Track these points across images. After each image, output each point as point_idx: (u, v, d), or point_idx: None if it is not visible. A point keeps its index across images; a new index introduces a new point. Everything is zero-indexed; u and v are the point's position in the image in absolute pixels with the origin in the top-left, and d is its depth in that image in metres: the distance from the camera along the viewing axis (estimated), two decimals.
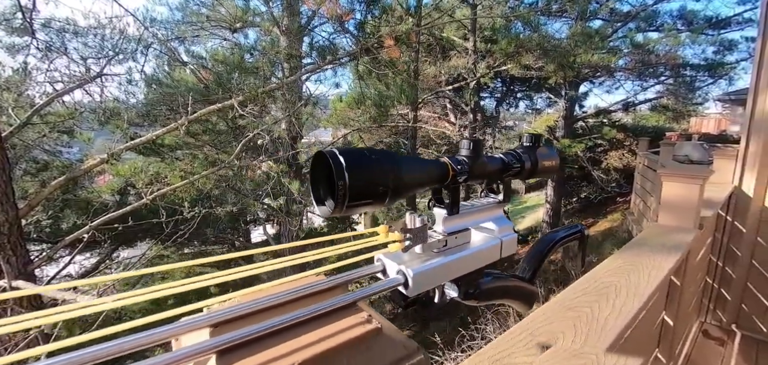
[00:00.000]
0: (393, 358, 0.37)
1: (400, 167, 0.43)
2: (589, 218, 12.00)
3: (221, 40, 8.66)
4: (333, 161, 0.37)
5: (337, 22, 5.19)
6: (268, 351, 0.35)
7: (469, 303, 0.58)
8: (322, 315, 0.40)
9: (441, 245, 0.53)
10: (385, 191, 0.40)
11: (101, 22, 6.40)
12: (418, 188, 0.48)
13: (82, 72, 5.85)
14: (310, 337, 0.36)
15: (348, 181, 0.37)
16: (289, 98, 5.67)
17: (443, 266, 0.51)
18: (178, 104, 5.52)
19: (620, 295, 1.13)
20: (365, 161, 0.39)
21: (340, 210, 0.37)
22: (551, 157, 0.65)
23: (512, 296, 0.67)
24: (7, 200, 3.80)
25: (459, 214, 0.55)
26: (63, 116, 5.90)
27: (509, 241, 0.60)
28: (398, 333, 0.40)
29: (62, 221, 6.05)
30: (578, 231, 0.82)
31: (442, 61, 11.51)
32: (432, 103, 13.63)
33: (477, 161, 0.54)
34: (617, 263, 1.38)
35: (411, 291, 0.47)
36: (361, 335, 0.37)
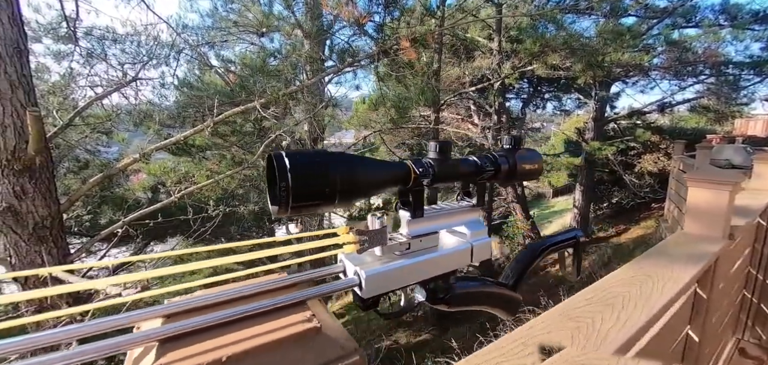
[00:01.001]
0: (327, 357, 0.37)
1: (350, 169, 0.43)
2: (620, 225, 11.45)
3: (248, 44, 8.97)
4: (277, 163, 0.38)
5: (356, 25, 5.24)
6: (207, 342, 0.36)
7: (440, 307, 0.57)
8: (268, 311, 0.40)
9: (403, 248, 0.52)
10: (332, 193, 0.40)
11: (137, 30, 6.77)
12: (375, 191, 0.47)
13: (119, 76, 6.22)
14: (251, 332, 0.37)
15: (290, 182, 0.37)
16: (310, 100, 5.78)
17: (403, 269, 0.51)
18: (207, 107, 5.76)
19: (627, 307, 1.07)
20: (310, 163, 0.39)
21: (284, 211, 0.38)
22: (532, 160, 0.62)
23: (491, 303, 0.65)
24: (50, 196, 4.08)
25: (425, 217, 0.54)
26: (102, 118, 6.29)
27: (481, 246, 0.58)
28: (340, 334, 0.40)
29: (100, 217, 6.46)
30: (572, 238, 0.78)
31: (466, 62, 11.36)
32: (455, 104, 13.47)
33: (444, 163, 0.53)
34: (630, 273, 1.31)
35: (365, 293, 0.47)
36: (299, 333, 0.38)
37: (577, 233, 0.80)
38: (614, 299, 1.11)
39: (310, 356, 0.37)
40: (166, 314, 0.39)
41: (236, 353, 0.35)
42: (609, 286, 1.22)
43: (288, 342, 0.37)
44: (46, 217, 4.07)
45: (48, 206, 4.14)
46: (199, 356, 0.34)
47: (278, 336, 0.37)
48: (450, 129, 10.19)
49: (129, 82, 5.94)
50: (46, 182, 4.10)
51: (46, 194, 4.14)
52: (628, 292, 1.15)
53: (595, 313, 1.02)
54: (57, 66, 6.41)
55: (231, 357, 0.34)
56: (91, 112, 6.32)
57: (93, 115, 6.47)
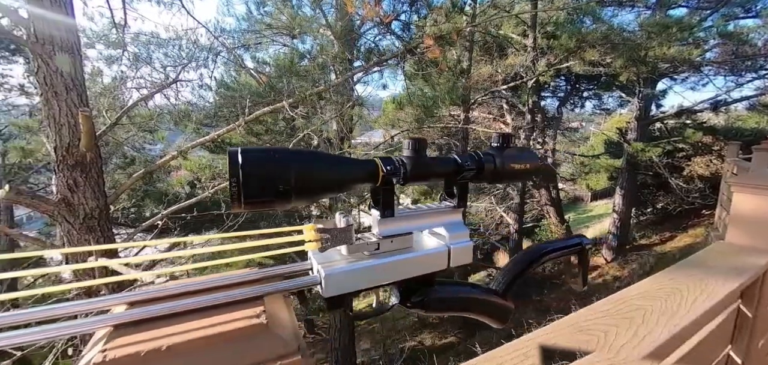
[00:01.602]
0: (266, 355, 0.37)
1: (309, 167, 0.42)
2: (665, 232, 10.67)
3: (281, 46, 9.24)
4: (230, 159, 0.38)
5: (381, 25, 5.24)
6: (155, 331, 0.37)
7: (416, 311, 0.55)
8: (221, 305, 0.41)
9: (372, 248, 0.51)
10: (287, 191, 0.40)
11: (179, 34, 7.17)
12: (339, 189, 0.46)
13: (162, 78, 6.62)
14: (201, 324, 0.38)
15: (241, 179, 0.37)
16: (338, 99, 5.86)
17: (370, 270, 0.49)
18: (240, 106, 6.00)
19: (648, 322, 0.99)
20: (264, 160, 0.39)
21: (238, 206, 0.38)
22: (524, 159, 0.58)
23: (478, 310, 0.62)
24: (98, 189, 4.42)
25: (397, 217, 0.52)
26: (146, 117, 6.73)
27: (460, 249, 0.55)
28: (288, 333, 0.40)
29: (143, 209, 6.93)
30: (577, 245, 0.73)
31: (498, 59, 11.05)
32: (487, 103, 13.14)
33: (417, 161, 0.51)
34: (656, 285, 1.22)
35: (325, 291, 0.46)
36: (244, 328, 0.38)
37: (582, 240, 0.74)
38: (634, 312, 1.03)
39: (252, 352, 0.37)
40: (131, 301, 0.40)
41: (177, 343, 0.35)
42: (630, 298, 1.13)
43: (232, 336, 0.37)
44: (95, 208, 4.40)
45: (96, 199, 4.48)
46: (141, 343, 0.34)
47: (224, 330, 0.37)
48: (480, 129, 9.94)
49: (170, 84, 6.30)
50: (95, 176, 4.43)
51: (95, 187, 4.47)
52: (651, 306, 1.06)
53: (610, 327, 0.95)
54: (108, 70, 6.94)
55: (171, 347, 0.35)
56: (137, 112, 6.77)
57: (138, 114, 6.94)
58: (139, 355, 0.34)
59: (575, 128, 18.59)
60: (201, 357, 0.35)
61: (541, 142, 11.13)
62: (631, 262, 9.54)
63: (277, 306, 0.44)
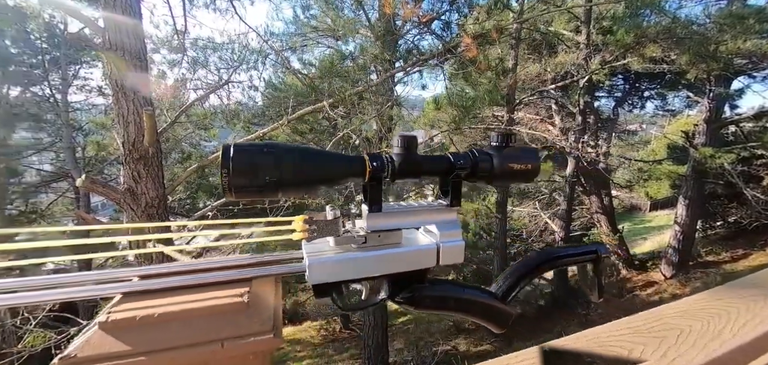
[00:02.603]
0: (241, 331, 0.40)
1: (297, 162, 0.44)
2: (737, 249, 9.52)
3: (325, 48, 9.54)
4: (223, 152, 0.41)
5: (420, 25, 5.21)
6: (154, 301, 0.42)
7: (405, 307, 0.56)
8: (214, 283, 0.45)
9: (359, 241, 0.52)
10: (274, 184, 0.42)
11: (232, 38, 7.66)
12: (327, 183, 0.48)
13: (216, 80, 7.13)
14: (192, 298, 0.42)
15: (230, 171, 0.41)
16: (377, 100, 5.93)
17: (355, 262, 0.51)
18: (285, 106, 6.29)
19: (683, 343, 0.91)
20: (253, 154, 0.42)
21: (229, 195, 0.41)
22: (523, 160, 0.56)
23: (473, 313, 0.61)
24: (158, 181, 4.86)
25: (385, 213, 0.52)
26: (201, 116, 7.29)
27: (451, 248, 0.55)
28: (266, 315, 0.43)
29: (197, 201, 7.52)
30: (592, 253, 0.68)
31: (547, 57, 10.52)
32: (535, 104, 12.57)
33: (407, 158, 0.51)
34: (701, 304, 1.10)
35: (309, 279, 0.48)
36: (228, 304, 0.42)
37: (598, 247, 0.69)
38: (667, 331, 0.95)
39: (230, 326, 0.41)
40: (141, 274, 0.46)
41: (167, 312, 0.40)
42: (666, 315, 1.04)
43: (216, 310, 0.41)
44: (155, 198, 4.84)
45: (156, 189, 4.92)
46: (139, 310, 0.40)
47: (209, 305, 0.41)
48: (524, 130, 9.53)
49: (222, 85, 6.77)
50: (155, 169, 4.86)
51: (156, 179, 4.91)
52: (690, 326, 0.97)
53: (636, 344, 0.88)
54: (170, 72, 7.61)
55: (162, 315, 0.39)
56: (193, 111, 7.34)
57: (195, 113, 7.53)
58: (134, 319, 0.39)
59: (634, 131, 17.13)
60: (185, 326, 0.40)
61: (593, 145, 10.42)
62: (693, 280, 8.63)
63: (266, 289, 0.47)
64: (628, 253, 10.91)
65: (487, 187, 10.28)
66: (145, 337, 0.38)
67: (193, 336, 0.39)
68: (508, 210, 10.47)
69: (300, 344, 9.71)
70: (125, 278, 0.46)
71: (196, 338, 0.39)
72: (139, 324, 0.38)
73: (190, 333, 0.39)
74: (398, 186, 8.31)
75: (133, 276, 0.46)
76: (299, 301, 9.87)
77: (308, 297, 9.90)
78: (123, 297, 0.43)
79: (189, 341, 0.39)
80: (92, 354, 0.37)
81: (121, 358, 0.37)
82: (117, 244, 4.23)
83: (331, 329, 10.04)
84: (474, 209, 10.32)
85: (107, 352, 0.37)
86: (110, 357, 0.37)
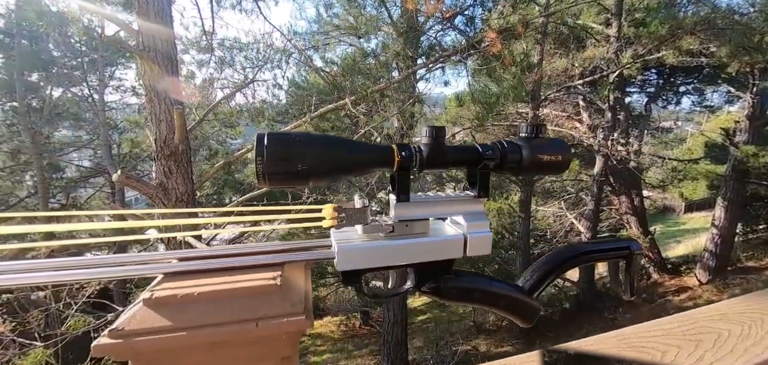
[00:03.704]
0: (275, 311, 0.42)
1: (327, 150, 0.45)
2: None
3: (348, 45, 9.62)
4: (257, 141, 0.43)
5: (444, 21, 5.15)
6: (194, 280, 0.45)
7: (430, 296, 0.56)
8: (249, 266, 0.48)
9: (387, 230, 0.53)
10: (305, 171, 0.44)
11: (257, 38, 7.84)
12: (356, 171, 0.49)
13: (241, 79, 7.32)
14: (230, 279, 0.45)
15: (265, 159, 0.42)
16: (399, 97, 5.92)
17: (382, 250, 0.51)
18: (308, 104, 6.39)
19: (720, 348, 0.87)
20: (286, 142, 0.43)
21: (263, 183, 0.43)
22: (555, 150, 0.55)
23: (499, 306, 0.60)
24: (187, 177, 5.06)
25: (413, 202, 0.53)
26: (228, 114, 7.52)
27: (478, 239, 0.54)
28: (298, 297, 0.44)
29: (224, 196, 7.77)
30: (624, 249, 0.66)
31: (575, 52, 10.17)
32: (561, 100, 12.19)
33: (434, 148, 0.51)
34: (741, 307, 1.05)
35: (338, 265, 0.49)
36: (262, 286, 0.44)
37: (631, 244, 0.67)
38: (704, 334, 0.91)
39: (265, 307, 0.43)
40: (180, 257, 0.48)
41: (206, 291, 0.42)
42: (703, 317, 1.00)
43: (251, 292, 0.44)
44: (184, 193, 5.03)
45: (185, 185, 5.11)
46: (180, 289, 0.42)
47: (245, 286, 0.44)
48: (550, 127, 9.26)
49: (247, 84, 6.95)
50: (185, 165, 5.06)
51: (185, 175, 5.11)
52: (729, 330, 0.92)
53: (670, 347, 0.85)
54: (199, 72, 7.89)
55: (201, 294, 0.42)
56: (220, 109, 7.58)
57: (222, 112, 7.77)
58: (176, 297, 0.41)
59: (668, 128, 16.31)
60: (222, 305, 0.42)
61: (624, 142, 10.00)
62: (732, 286, 8.15)
63: (297, 274, 0.49)
64: (661, 256, 10.42)
65: (510, 184, 10.07)
66: (185, 314, 0.41)
67: (229, 315, 0.41)
68: (532, 210, 10.22)
69: (321, 338, 9.87)
70: (166, 260, 0.49)
71: (232, 316, 0.41)
72: (180, 302, 0.41)
73: (226, 312, 0.41)
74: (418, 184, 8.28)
75: (173, 258, 0.49)
76: (320, 296, 10.02)
77: (328, 292, 10.04)
78: (164, 277, 0.45)
79: (225, 319, 0.41)
80: (138, 327, 0.39)
81: (164, 333, 0.39)
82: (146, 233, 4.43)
83: (351, 324, 10.14)
84: (496, 208, 10.13)
85: (151, 326, 0.39)
86: (153, 331, 0.39)
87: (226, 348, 0.41)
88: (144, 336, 0.39)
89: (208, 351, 0.41)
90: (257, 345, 0.42)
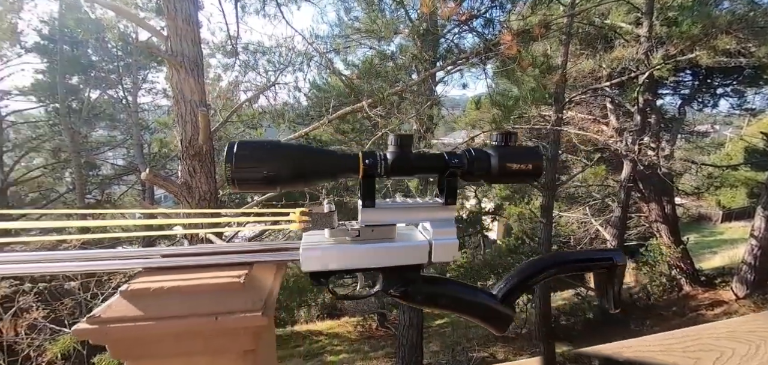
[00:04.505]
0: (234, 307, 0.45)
1: (294, 158, 0.48)
2: None
3: (368, 48, 9.70)
4: (227, 148, 0.46)
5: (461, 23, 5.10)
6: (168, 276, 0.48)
7: (399, 301, 0.57)
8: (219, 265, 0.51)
9: (353, 234, 0.54)
10: (273, 178, 0.46)
11: (279, 42, 8.05)
12: (323, 178, 0.52)
13: (264, 82, 7.53)
14: (199, 276, 0.48)
15: (233, 165, 0.45)
16: (416, 100, 5.92)
17: (346, 253, 0.53)
18: (327, 106, 6.50)
19: None
20: (255, 150, 0.46)
21: (234, 188, 0.46)
22: (525, 159, 0.54)
23: (469, 312, 0.60)
24: (210, 176, 5.26)
25: (379, 208, 0.54)
26: (250, 116, 7.75)
27: (443, 246, 0.55)
28: (259, 295, 0.47)
29: (246, 196, 7.99)
30: (607, 260, 0.64)
31: (602, 52, 9.82)
32: (587, 102, 11.79)
33: (400, 156, 0.52)
34: (752, 325, 1.00)
35: (302, 265, 0.51)
36: (227, 283, 0.47)
37: (615, 255, 0.65)
38: (705, 352, 0.87)
39: (226, 302, 0.46)
40: (164, 253, 0.52)
41: (176, 286, 0.46)
42: (708, 334, 0.95)
43: (216, 288, 0.47)
44: (207, 192, 5.21)
45: (209, 184, 5.29)
46: (154, 282, 0.46)
47: (212, 283, 0.47)
48: (573, 131, 8.97)
49: (270, 86, 7.14)
50: (208, 165, 5.24)
51: (208, 174, 5.29)
52: (733, 349, 0.88)
53: (664, 364, 0.82)
54: (225, 75, 8.18)
55: (170, 288, 0.45)
56: (243, 111, 7.82)
57: (245, 113, 8.01)
58: (149, 290, 0.45)
59: (704, 132, 15.42)
60: (188, 299, 0.45)
61: (654, 147, 9.55)
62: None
63: (265, 273, 0.52)
64: (694, 268, 9.86)
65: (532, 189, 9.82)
66: (155, 306, 0.44)
67: (192, 308, 0.44)
68: (554, 215, 9.94)
69: (337, 338, 9.96)
70: (150, 255, 0.52)
71: (195, 310, 0.44)
72: (152, 295, 0.44)
73: (190, 305, 0.44)
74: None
75: (157, 254, 0.53)
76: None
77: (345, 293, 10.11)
78: (144, 271, 0.49)
79: (189, 312, 0.44)
80: (112, 316, 0.43)
81: (134, 321, 0.43)
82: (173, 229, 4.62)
83: (368, 326, 10.18)
84: (517, 213, 9.92)
85: (123, 315, 0.43)
86: (125, 320, 0.43)
87: (191, 339, 0.44)
88: (117, 324, 0.43)
89: (174, 341, 0.44)
90: (219, 337, 0.45)
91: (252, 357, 0.47)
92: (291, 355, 9.02)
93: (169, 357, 0.45)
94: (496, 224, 13.60)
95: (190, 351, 0.45)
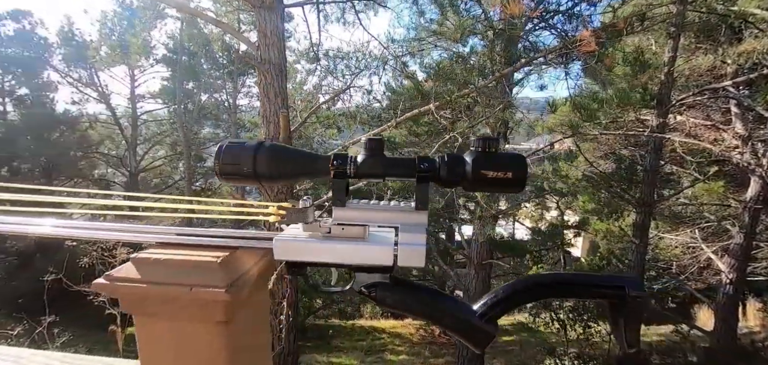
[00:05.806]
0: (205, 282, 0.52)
1: (272, 158, 0.54)
2: None
3: (443, 50, 9.61)
4: (218, 147, 0.54)
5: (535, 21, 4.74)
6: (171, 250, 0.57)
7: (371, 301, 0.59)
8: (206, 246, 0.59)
9: (324, 231, 0.57)
10: (253, 174, 0.53)
11: (357, 47, 8.48)
12: (299, 177, 0.58)
13: (340, 85, 8.00)
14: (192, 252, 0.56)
15: (220, 161, 0.54)
16: (488, 102, 5.70)
17: (315, 247, 0.56)
18: (397, 109, 6.63)
19: None
20: (239, 149, 0.54)
21: (221, 180, 0.54)
22: (506, 167, 0.51)
23: (444, 324, 0.57)
24: None
25: (349, 207, 0.56)
26: (326, 117, 8.31)
27: (409, 251, 0.54)
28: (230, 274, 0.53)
29: (319, 191, 8.60)
30: (616, 288, 0.55)
31: (726, 45, 8.23)
32: (703, 105, 9.97)
33: (368, 159, 0.54)
34: None
35: (275, 254, 0.56)
36: (206, 261, 0.54)
37: (627, 282, 0.53)
38: None
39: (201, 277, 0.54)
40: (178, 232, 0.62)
41: (166, 259, 0.55)
42: None
43: (194, 264, 0.54)
44: (283, 186, 5.71)
45: None
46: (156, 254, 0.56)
47: (193, 259, 0.55)
48: (679, 139, 7.67)
49: (344, 90, 7.57)
50: None
51: None
52: None
53: None
54: (307, 79, 8.92)
55: (163, 260, 0.55)
56: (321, 112, 8.41)
57: (323, 115, 8.62)
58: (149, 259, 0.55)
59: None
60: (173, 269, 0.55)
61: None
62: None
63: (246, 259, 0.59)
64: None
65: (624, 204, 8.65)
66: (150, 272, 0.54)
67: (173, 278, 0.53)
68: (651, 236, 8.63)
69: (399, 338, 10.06)
70: (166, 232, 0.63)
71: (175, 280, 0.53)
72: (151, 263, 0.54)
73: (173, 276, 0.53)
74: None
75: (173, 231, 0.63)
76: None
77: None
78: (157, 245, 0.59)
79: (171, 281, 0.53)
80: (121, 276, 0.54)
81: (134, 282, 0.54)
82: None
83: (430, 330, 10.08)
84: (604, 229, 8.82)
85: (127, 276, 0.54)
86: (129, 281, 0.54)
87: (172, 303, 0.53)
88: (124, 283, 0.53)
89: (161, 304, 0.53)
90: (194, 307, 0.52)
91: (224, 328, 0.54)
92: (353, 348, 9.39)
93: (159, 316, 0.55)
94: (580, 239, 12.32)
95: (174, 315, 0.54)
